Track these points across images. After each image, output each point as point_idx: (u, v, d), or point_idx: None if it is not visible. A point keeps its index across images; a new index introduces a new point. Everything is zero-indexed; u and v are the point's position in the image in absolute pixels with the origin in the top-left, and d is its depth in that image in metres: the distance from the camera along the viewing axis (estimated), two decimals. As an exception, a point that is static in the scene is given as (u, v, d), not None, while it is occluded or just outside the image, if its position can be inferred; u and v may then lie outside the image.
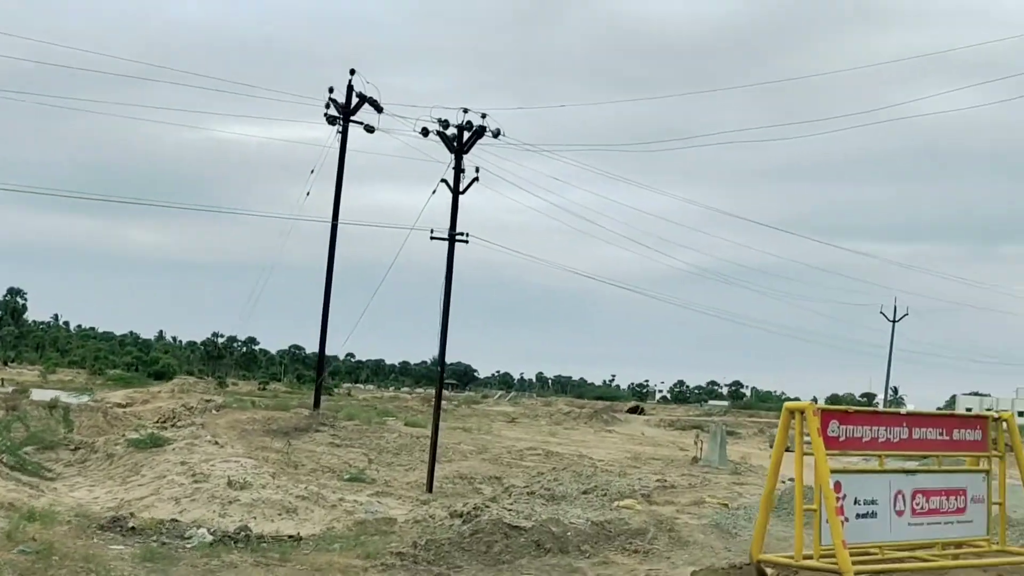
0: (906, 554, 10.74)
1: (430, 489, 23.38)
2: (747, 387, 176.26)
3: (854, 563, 9.98)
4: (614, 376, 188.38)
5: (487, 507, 18.39)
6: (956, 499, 10.95)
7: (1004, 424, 11.43)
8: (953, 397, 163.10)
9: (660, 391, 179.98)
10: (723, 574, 11.11)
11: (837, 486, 9.91)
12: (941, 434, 10.86)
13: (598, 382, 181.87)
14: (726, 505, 21.81)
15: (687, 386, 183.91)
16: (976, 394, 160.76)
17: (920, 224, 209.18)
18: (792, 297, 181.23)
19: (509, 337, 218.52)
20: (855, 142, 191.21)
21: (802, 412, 9.87)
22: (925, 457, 11.53)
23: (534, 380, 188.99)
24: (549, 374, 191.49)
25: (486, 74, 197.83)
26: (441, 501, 21.18)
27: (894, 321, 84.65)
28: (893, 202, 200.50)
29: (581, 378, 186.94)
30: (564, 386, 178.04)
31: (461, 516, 17.73)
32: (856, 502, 10.08)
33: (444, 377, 27.67)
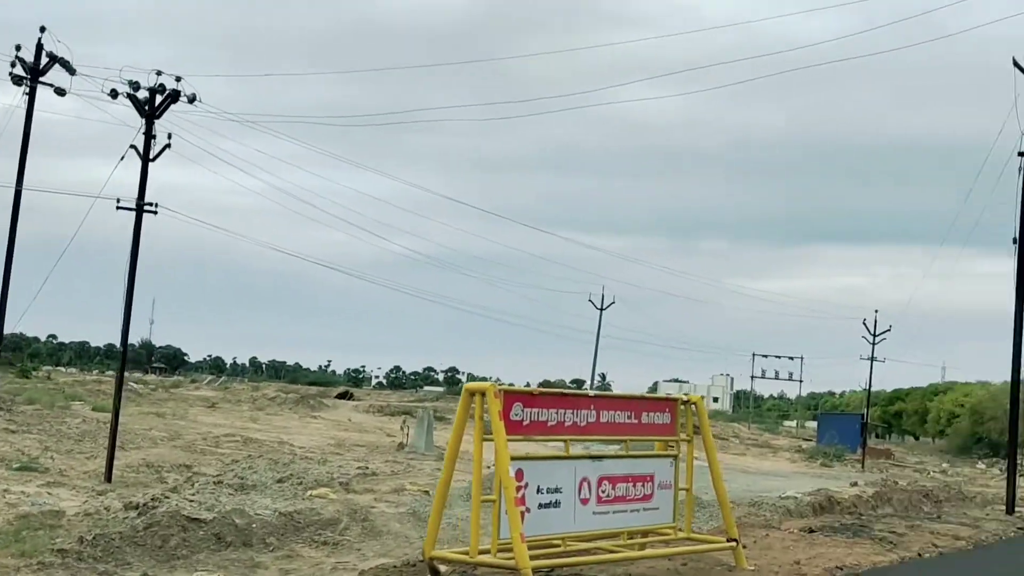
0: (591, 545, 10.17)
1: (109, 479, 21.60)
2: (463, 373, 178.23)
3: (535, 557, 9.32)
4: (330, 361, 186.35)
5: (166, 498, 17.00)
6: (643, 485, 10.46)
7: (693, 407, 11.06)
8: (656, 383, 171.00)
9: (376, 377, 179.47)
10: (395, 573, 10.22)
11: (519, 474, 9.20)
12: (630, 417, 10.33)
13: (314, 367, 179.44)
14: (427, 492, 21.22)
15: (403, 372, 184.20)
16: (676, 380, 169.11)
17: (630, 217, 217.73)
18: (510, 284, 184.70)
19: (223, 321, 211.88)
20: (572, 136, 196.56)
21: (483, 394, 9.09)
22: (614, 441, 10.93)
23: (247, 365, 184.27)
24: (264, 359, 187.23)
25: (203, 51, 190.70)
26: (120, 492, 19.60)
27: (601, 309, 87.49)
28: (607, 194, 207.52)
29: (296, 363, 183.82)
30: (278, 371, 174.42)
31: (137, 508, 16.32)
32: (539, 491, 9.39)
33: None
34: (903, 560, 13.15)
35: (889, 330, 65.83)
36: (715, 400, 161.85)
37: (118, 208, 23.63)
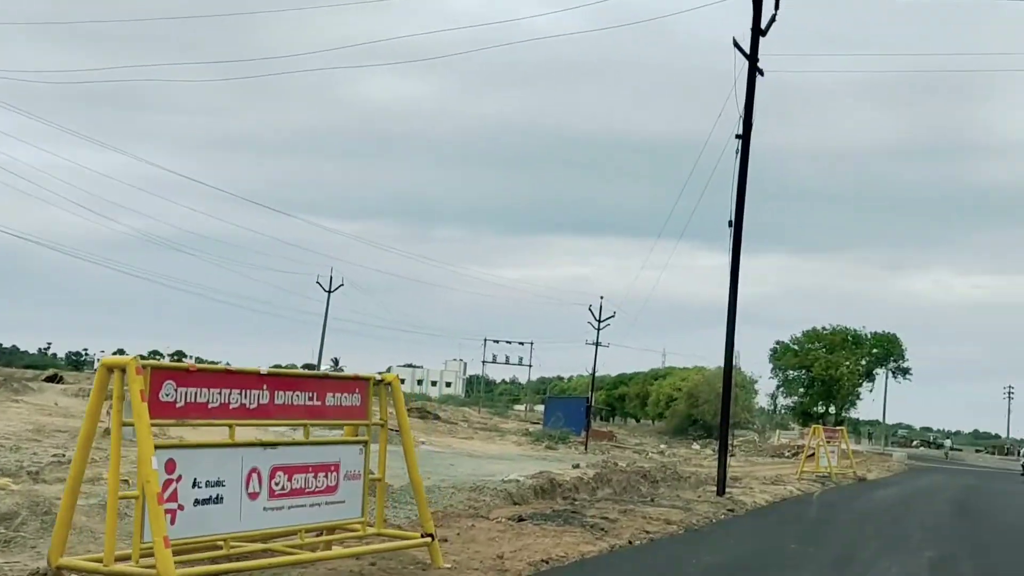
0: (262, 546, 8.83)
1: None
2: (191, 356, 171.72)
3: (189, 563, 7.93)
4: (50, 344, 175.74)
5: None
6: (327, 476, 9.16)
7: (388, 387, 9.82)
8: (390, 368, 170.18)
9: (99, 360, 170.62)
10: (12, 586, 8.60)
11: (170, 465, 7.75)
12: (312, 399, 9.00)
13: (33, 350, 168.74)
14: (127, 481, 19.28)
15: (127, 355, 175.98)
16: (411, 365, 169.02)
17: (368, 202, 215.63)
18: (244, 267, 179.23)
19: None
20: (311, 118, 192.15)
21: (124, 369, 7.60)
22: (292, 425, 9.51)
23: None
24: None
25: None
26: None
27: (329, 291, 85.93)
28: (344, 179, 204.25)
29: (13, 346, 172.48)
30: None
31: None
32: (196, 485, 7.97)
33: None
34: (613, 548, 12.44)
35: (613, 316, 67.42)
36: (448, 385, 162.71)
37: None
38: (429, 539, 9.64)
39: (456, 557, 10.43)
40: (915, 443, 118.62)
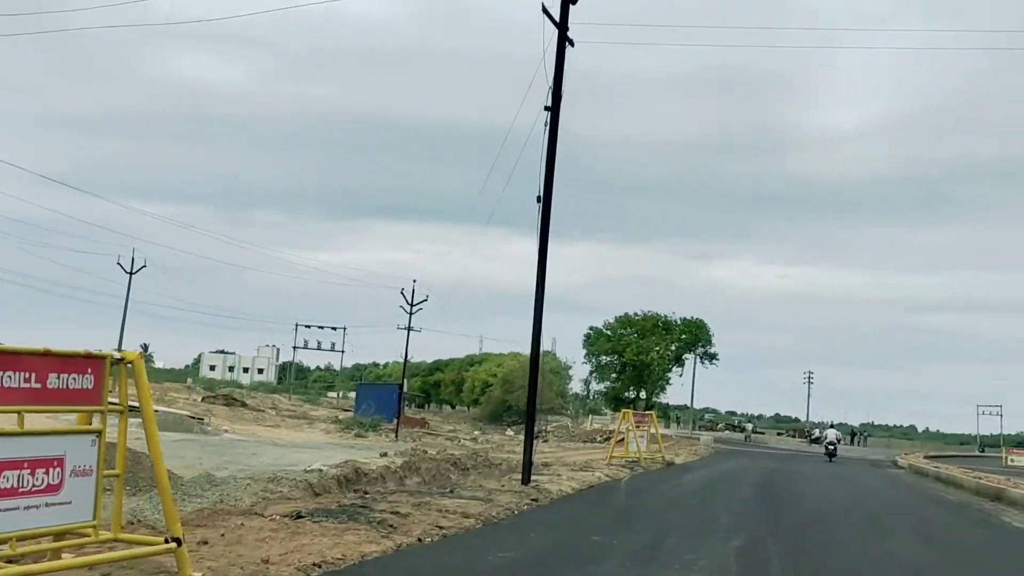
0: (-43, 558, 7.38)
1: None
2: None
3: None
4: None
5: None
6: (47, 473, 7.71)
7: (129, 367, 8.40)
8: (200, 355, 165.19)
9: None
10: None
11: None
12: (29, 381, 7.57)
13: None
14: None
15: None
16: (223, 352, 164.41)
17: (186, 185, 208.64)
18: (49, 249, 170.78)
19: None
20: (128, 99, 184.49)
21: None
22: (4, 412, 7.93)
23: None
24: None
25: None
26: None
27: (131, 273, 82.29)
28: (160, 161, 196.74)
29: None
30: None
31: None
32: None
33: None
34: (399, 547, 11.28)
35: (426, 300, 66.43)
36: (260, 371, 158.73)
37: None
38: (175, 545, 8.30)
39: (214, 563, 9.13)
40: (720, 427, 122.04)
